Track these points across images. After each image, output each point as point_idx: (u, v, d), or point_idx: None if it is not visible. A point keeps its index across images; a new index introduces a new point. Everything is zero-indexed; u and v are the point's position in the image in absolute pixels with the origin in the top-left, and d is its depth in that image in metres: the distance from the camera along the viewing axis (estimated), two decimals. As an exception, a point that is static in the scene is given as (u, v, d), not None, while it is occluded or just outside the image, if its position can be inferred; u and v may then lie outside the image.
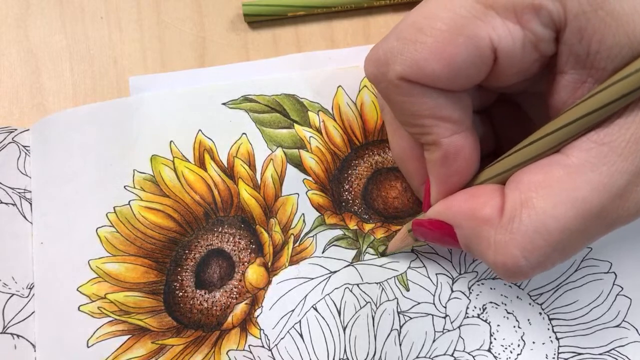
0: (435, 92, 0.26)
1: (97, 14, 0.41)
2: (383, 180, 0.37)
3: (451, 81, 0.26)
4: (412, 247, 0.35)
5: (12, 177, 0.37)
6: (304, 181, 0.37)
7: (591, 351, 0.34)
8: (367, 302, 0.35)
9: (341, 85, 0.39)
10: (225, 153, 0.37)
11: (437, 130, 0.27)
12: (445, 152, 0.27)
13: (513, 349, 0.34)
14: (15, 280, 0.35)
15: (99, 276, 0.35)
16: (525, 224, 0.25)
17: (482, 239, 0.26)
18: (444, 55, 0.25)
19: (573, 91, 0.25)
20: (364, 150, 0.38)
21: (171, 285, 0.35)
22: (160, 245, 0.36)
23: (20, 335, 0.34)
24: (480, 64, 0.25)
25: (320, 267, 0.35)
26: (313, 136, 0.38)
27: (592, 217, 0.24)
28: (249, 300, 0.35)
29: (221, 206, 0.36)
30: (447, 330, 0.34)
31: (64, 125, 0.38)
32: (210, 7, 0.41)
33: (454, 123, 0.27)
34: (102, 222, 0.36)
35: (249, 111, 0.38)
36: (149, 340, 0.34)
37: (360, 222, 0.36)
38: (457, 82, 0.26)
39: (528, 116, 0.32)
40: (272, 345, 0.34)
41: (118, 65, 0.40)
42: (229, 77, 0.39)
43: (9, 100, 0.39)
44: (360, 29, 0.41)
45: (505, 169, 0.27)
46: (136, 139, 0.37)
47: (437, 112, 0.27)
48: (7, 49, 0.40)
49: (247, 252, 0.36)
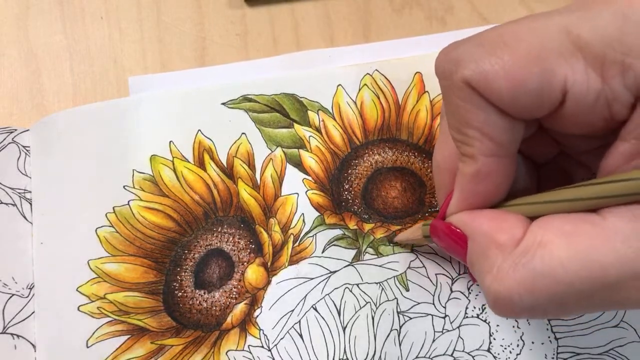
0: (492, 108, 0.25)
1: (97, 14, 0.41)
2: (383, 180, 0.37)
3: (511, 105, 0.25)
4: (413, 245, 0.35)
5: (12, 177, 0.37)
6: (303, 181, 0.37)
7: (590, 351, 0.34)
8: (367, 302, 0.35)
9: (341, 84, 0.39)
10: (225, 153, 0.37)
11: (478, 145, 0.26)
12: (478, 170, 0.27)
13: (512, 349, 0.34)
14: (15, 280, 0.35)
15: (98, 276, 0.35)
16: (535, 263, 0.24)
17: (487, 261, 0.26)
18: (514, 78, 0.24)
19: (628, 160, 0.25)
20: (364, 150, 0.38)
21: (170, 286, 0.35)
22: (159, 245, 0.36)
23: (20, 335, 0.34)
24: (547, 99, 0.25)
25: (320, 267, 0.35)
26: (313, 135, 0.38)
27: (604, 287, 0.23)
28: (249, 300, 0.35)
29: (220, 206, 0.36)
30: (447, 331, 0.34)
31: (63, 125, 0.38)
32: (211, 7, 0.41)
33: (498, 145, 0.26)
34: (102, 222, 0.36)
35: (249, 111, 0.38)
36: (149, 341, 0.34)
37: (360, 221, 0.36)
38: (516, 107, 0.25)
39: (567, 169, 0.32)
40: (272, 345, 0.34)
41: (118, 65, 0.40)
42: (228, 77, 0.39)
43: (9, 100, 0.39)
44: (360, 28, 0.41)
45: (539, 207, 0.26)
46: (136, 139, 0.37)
47: (485, 128, 0.26)
48: (7, 49, 0.40)
49: (246, 252, 0.36)
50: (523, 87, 0.24)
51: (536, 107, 0.25)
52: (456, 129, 0.27)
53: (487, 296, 0.26)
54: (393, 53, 0.40)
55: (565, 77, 0.24)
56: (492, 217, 0.27)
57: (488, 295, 0.25)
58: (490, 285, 0.25)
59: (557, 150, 0.31)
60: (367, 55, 0.40)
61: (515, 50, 0.24)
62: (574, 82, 0.24)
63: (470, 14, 0.41)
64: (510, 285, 0.24)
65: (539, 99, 0.25)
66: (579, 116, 0.25)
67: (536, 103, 0.25)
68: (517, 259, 0.24)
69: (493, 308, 0.26)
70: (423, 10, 0.41)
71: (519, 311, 0.25)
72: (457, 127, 0.27)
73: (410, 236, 0.34)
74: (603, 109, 0.25)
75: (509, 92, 0.24)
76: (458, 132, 0.27)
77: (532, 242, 0.24)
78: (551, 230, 0.24)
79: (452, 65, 0.26)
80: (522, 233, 0.25)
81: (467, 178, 0.28)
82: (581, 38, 0.24)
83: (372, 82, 0.39)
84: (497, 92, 0.25)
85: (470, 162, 0.27)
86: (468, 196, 0.28)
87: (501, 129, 0.26)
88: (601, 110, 0.25)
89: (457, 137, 0.27)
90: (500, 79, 0.24)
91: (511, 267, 0.24)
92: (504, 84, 0.24)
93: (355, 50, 0.40)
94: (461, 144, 0.27)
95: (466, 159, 0.27)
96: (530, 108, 0.25)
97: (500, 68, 0.24)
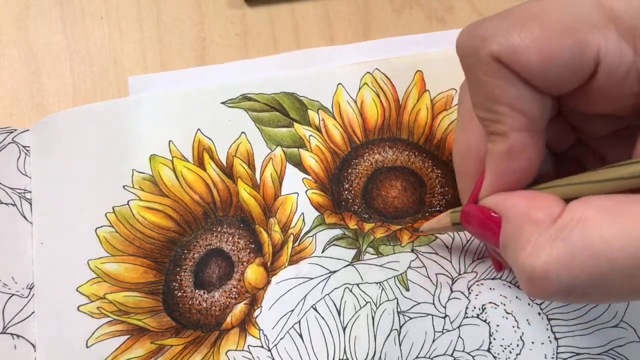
0: (522, 83, 0.25)
1: (97, 14, 0.41)
2: (383, 179, 0.37)
3: (542, 78, 0.24)
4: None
5: (12, 177, 0.37)
6: (303, 180, 0.37)
7: (590, 351, 0.34)
8: (367, 302, 0.35)
9: (341, 83, 0.39)
10: (225, 152, 0.37)
11: (510, 121, 0.26)
12: (511, 146, 0.26)
13: (512, 349, 0.34)
14: (15, 280, 0.35)
15: (98, 276, 0.35)
16: (574, 238, 0.23)
17: (522, 237, 0.24)
18: (545, 51, 0.24)
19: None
20: (364, 149, 0.38)
21: (170, 285, 0.35)
22: (159, 245, 0.36)
23: (20, 335, 0.34)
24: (579, 71, 0.24)
25: (320, 266, 0.35)
26: (313, 135, 0.38)
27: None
28: (248, 300, 0.35)
29: (220, 206, 0.36)
30: (447, 331, 0.34)
31: (63, 125, 0.38)
32: (211, 7, 0.41)
33: (529, 119, 0.26)
34: (102, 222, 0.36)
35: (248, 110, 0.38)
36: (148, 341, 0.34)
37: (360, 221, 0.36)
38: (548, 81, 0.25)
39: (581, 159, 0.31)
40: (272, 345, 0.34)
41: (118, 65, 0.40)
42: (228, 76, 0.39)
43: (9, 100, 0.39)
44: (360, 29, 0.41)
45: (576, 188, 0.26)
46: (135, 138, 0.37)
47: (516, 103, 0.25)
48: (7, 49, 0.40)
49: (246, 251, 0.36)
50: (555, 60, 0.24)
51: (567, 80, 0.25)
52: (483, 107, 0.27)
53: (520, 275, 0.24)
54: (393, 51, 0.40)
55: (598, 48, 0.24)
56: (526, 196, 0.26)
57: (522, 274, 0.24)
58: (524, 261, 0.24)
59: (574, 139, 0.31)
60: (367, 54, 0.40)
61: (546, 22, 0.24)
62: (606, 53, 0.24)
63: (470, 14, 0.41)
64: (546, 260, 0.23)
65: (571, 71, 0.24)
66: (609, 90, 0.25)
67: (568, 75, 0.24)
68: (555, 234, 0.23)
69: (527, 287, 0.24)
70: (423, 10, 0.41)
71: (556, 290, 0.23)
72: (485, 104, 0.26)
73: (435, 225, 0.33)
74: (633, 83, 0.24)
75: (540, 65, 0.24)
76: (486, 110, 0.26)
77: (572, 217, 0.23)
78: (592, 207, 0.23)
79: (478, 41, 0.25)
80: (560, 210, 0.24)
81: (499, 156, 0.27)
82: (614, 9, 0.23)
83: (372, 81, 0.39)
84: (527, 66, 0.24)
85: (502, 139, 0.26)
86: (501, 175, 0.27)
87: (532, 102, 0.25)
88: (631, 84, 0.24)
89: (485, 116, 0.27)
90: (530, 53, 0.24)
91: (548, 242, 0.23)
92: (534, 57, 0.24)
93: (356, 49, 0.40)
94: (490, 122, 0.27)
95: (496, 138, 0.27)
96: (561, 81, 0.25)
97: (531, 41, 0.24)
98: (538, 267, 0.23)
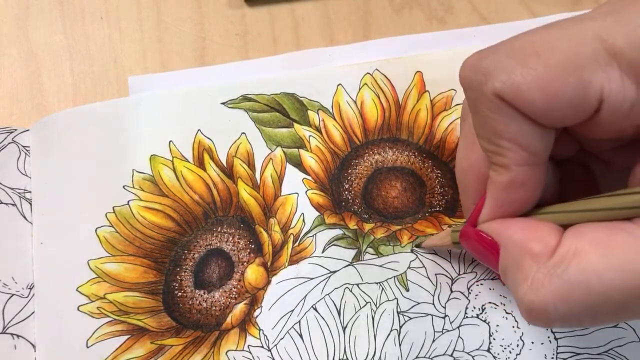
0: (524, 119, 0.25)
1: (97, 14, 0.41)
2: (383, 179, 0.37)
3: (545, 116, 0.25)
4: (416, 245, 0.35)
5: (12, 177, 0.37)
6: (303, 180, 0.37)
7: (589, 351, 0.34)
8: (367, 302, 0.35)
9: (341, 83, 0.39)
10: (225, 153, 0.37)
11: (512, 156, 0.26)
12: (512, 179, 0.27)
13: (512, 349, 0.34)
14: (15, 280, 0.35)
15: (98, 276, 0.35)
16: (570, 273, 0.24)
17: (521, 271, 0.25)
18: (548, 89, 0.24)
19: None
20: (364, 150, 0.38)
21: (170, 285, 0.35)
22: (159, 245, 0.36)
23: (20, 335, 0.34)
24: (581, 109, 0.24)
25: (320, 267, 0.35)
26: (313, 135, 0.38)
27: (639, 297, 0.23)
28: (248, 300, 0.35)
29: (220, 206, 0.36)
30: (447, 331, 0.34)
31: (63, 125, 0.38)
32: (211, 7, 0.41)
33: (531, 154, 0.26)
34: (102, 222, 0.36)
35: (248, 110, 0.38)
36: (148, 341, 0.34)
37: (360, 221, 0.36)
38: (550, 118, 0.25)
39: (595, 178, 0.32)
40: (272, 345, 0.34)
41: (118, 65, 0.40)
42: (228, 77, 0.39)
43: (9, 100, 0.39)
44: (360, 29, 0.41)
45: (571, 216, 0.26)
46: (135, 139, 0.37)
47: (518, 138, 0.26)
48: (7, 49, 0.40)
49: (246, 252, 0.36)
50: (558, 98, 0.24)
51: (570, 117, 0.25)
52: (487, 140, 0.27)
53: (520, 306, 0.25)
54: (393, 52, 0.40)
55: (601, 87, 0.24)
56: (524, 226, 0.27)
57: (522, 305, 0.25)
58: (524, 295, 0.25)
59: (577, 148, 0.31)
60: (367, 54, 0.40)
61: (549, 60, 0.24)
62: (610, 92, 0.24)
63: (470, 14, 0.41)
64: (545, 295, 0.24)
65: (574, 109, 0.24)
66: (612, 124, 0.25)
67: (571, 113, 0.24)
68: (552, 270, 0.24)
69: (527, 318, 0.25)
70: (423, 10, 0.41)
71: (554, 321, 0.25)
72: (488, 137, 0.27)
73: (438, 242, 0.34)
74: (637, 117, 0.24)
75: (543, 104, 0.24)
76: (489, 142, 0.27)
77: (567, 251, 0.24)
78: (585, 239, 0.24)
79: (481, 76, 0.25)
80: (556, 242, 0.25)
81: (500, 187, 0.27)
82: (616, 46, 0.23)
83: (372, 81, 0.39)
84: (530, 104, 0.24)
85: (503, 171, 0.27)
86: (501, 204, 0.28)
87: (534, 138, 0.26)
88: (635, 117, 0.24)
89: (488, 148, 0.27)
90: (533, 91, 0.24)
91: (546, 278, 0.24)
92: (537, 96, 0.24)
93: (355, 49, 0.40)
94: (493, 154, 0.27)
95: (499, 169, 0.27)
96: (564, 118, 0.25)
97: (534, 79, 0.24)
98: (537, 301, 0.24)
